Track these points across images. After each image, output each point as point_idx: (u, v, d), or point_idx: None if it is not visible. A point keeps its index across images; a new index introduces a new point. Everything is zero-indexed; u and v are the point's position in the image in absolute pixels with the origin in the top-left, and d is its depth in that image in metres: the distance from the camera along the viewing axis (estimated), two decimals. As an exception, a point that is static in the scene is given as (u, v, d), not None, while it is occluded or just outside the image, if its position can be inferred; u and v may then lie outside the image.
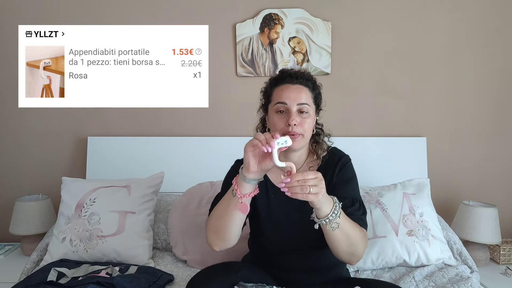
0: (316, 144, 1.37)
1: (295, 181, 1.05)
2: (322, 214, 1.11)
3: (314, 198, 1.05)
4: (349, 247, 1.20)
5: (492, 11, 2.22)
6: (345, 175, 1.33)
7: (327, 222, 1.11)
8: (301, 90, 1.29)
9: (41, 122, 2.32)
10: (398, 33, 2.25)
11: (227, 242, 1.24)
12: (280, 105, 1.27)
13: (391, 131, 2.29)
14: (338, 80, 2.27)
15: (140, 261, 1.71)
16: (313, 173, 1.06)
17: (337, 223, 1.12)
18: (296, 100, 1.26)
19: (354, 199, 1.29)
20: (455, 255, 1.77)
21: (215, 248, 1.25)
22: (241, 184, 1.15)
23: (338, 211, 1.12)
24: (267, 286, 1.22)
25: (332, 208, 1.11)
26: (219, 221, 1.21)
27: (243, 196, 1.15)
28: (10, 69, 2.29)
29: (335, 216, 1.11)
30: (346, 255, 1.23)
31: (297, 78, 1.30)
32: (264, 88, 1.38)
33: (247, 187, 1.15)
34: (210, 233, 1.25)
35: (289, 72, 1.33)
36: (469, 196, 2.22)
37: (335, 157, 1.36)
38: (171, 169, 2.09)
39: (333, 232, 1.13)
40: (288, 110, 1.26)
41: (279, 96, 1.28)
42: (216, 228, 1.22)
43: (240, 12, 2.24)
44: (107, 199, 1.79)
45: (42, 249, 1.80)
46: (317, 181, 1.05)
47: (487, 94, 2.27)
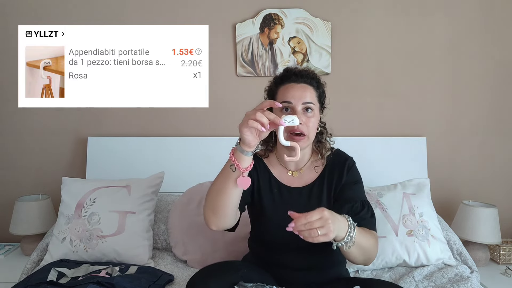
0: (319, 144, 1.37)
1: (301, 225, 1.04)
2: (338, 238, 1.12)
3: (325, 238, 1.05)
4: (364, 256, 1.23)
5: (492, 11, 2.22)
6: (353, 177, 1.34)
7: (343, 245, 1.12)
8: (306, 89, 1.29)
9: (41, 122, 2.32)
10: (398, 33, 2.25)
11: (225, 220, 1.23)
12: (285, 104, 1.27)
13: (391, 131, 2.29)
14: (338, 80, 2.27)
15: (140, 261, 1.71)
16: (318, 213, 1.05)
17: (352, 242, 1.13)
18: (302, 99, 1.26)
19: (363, 202, 1.31)
20: (455, 255, 1.77)
21: (213, 227, 1.23)
22: (241, 158, 1.13)
23: (353, 232, 1.12)
24: (267, 286, 1.22)
25: (347, 231, 1.12)
26: (217, 197, 1.19)
27: (245, 170, 1.14)
28: (10, 69, 2.29)
29: (350, 238, 1.12)
30: (362, 262, 1.26)
31: (302, 77, 1.30)
32: (268, 86, 1.37)
33: (246, 160, 1.14)
34: (208, 211, 1.23)
35: (294, 71, 1.32)
36: (469, 196, 2.22)
37: (341, 158, 1.37)
38: (171, 169, 2.09)
39: (350, 250, 1.15)
40: (294, 109, 1.26)
41: (284, 95, 1.28)
42: (215, 205, 1.21)
43: (240, 12, 2.24)
44: (107, 199, 1.79)
45: (42, 249, 1.80)
46: (323, 221, 1.04)
47: (487, 94, 2.27)
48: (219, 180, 1.20)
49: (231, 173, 1.15)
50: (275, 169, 1.37)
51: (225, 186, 1.17)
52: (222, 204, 1.19)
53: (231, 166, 1.15)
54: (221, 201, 1.19)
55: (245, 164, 1.14)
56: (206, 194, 1.25)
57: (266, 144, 1.39)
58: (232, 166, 1.14)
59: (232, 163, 1.14)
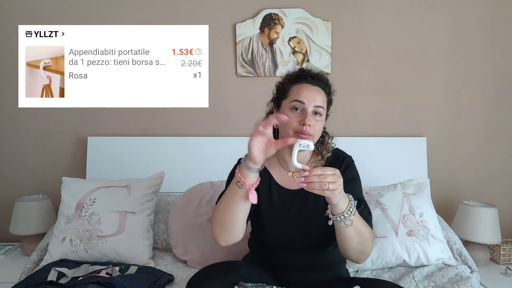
0: (321, 145, 1.37)
1: (314, 175, 1.05)
2: (338, 211, 1.12)
3: (330, 194, 1.06)
4: (359, 245, 1.21)
5: (492, 11, 2.22)
6: (350, 175, 1.34)
7: (342, 219, 1.12)
8: (319, 93, 1.30)
9: (41, 122, 2.32)
10: (398, 33, 2.25)
11: (234, 236, 1.23)
12: (297, 103, 1.27)
13: (391, 131, 2.29)
14: (338, 80, 2.24)
15: (140, 261, 1.71)
16: (332, 169, 1.07)
17: (351, 220, 1.13)
18: (314, 101, 1.27)
19: (360, 200, 1.30)
20: (455, 255, 1.77)
21: (222, 243, 1.24)
22: (247, 175, 1.15)
23: (353, 208, 1.14)
24: (267, 286, 1.22)
25: (348, 205, 1.13)
26: (226, 214, 1.21)
27: (252, 187, 1.16)
28: (10, 69, 2.29)
29: (350, 214, 1.12)
30: (356, 253, 1.23)
31: (317, 80, 1.32)
32: (280, 83, 1.37)
33: (253, 176, 1.15)
34: (216, 228, 1.24)
35: (310, 72, 1.34)
36: (469, 196, 2.22)
37: (339, 157, 1.37)
38: (171, 169, 2.09)
39: (347, 230, 1.14)
40: (304, 110, 1.26)
41: (297, 94, 1.28)
42: (223, 222, 1.22)
43: (240, 12, 2.24)
44: (107, 199, 1.78)
45: (42, 249, 1.80)
46: (336, 177, 1.06)
47: (487, 94, 2.27)
48: (226, 197, 1.21)
49: (237, 189, 1.17)
50: (275, 170, 1.37)
51: (233, 203, 1.19)
52: (231, 221, 1.21)
53: (237, 183, 1.16)
54: (230, 218, 1.20)
55: (251, 181, 1.16)
56: (213, 211, 1.26)
57: None
58: (238, 183, 1.16)
59: (238, 180, 1.15)
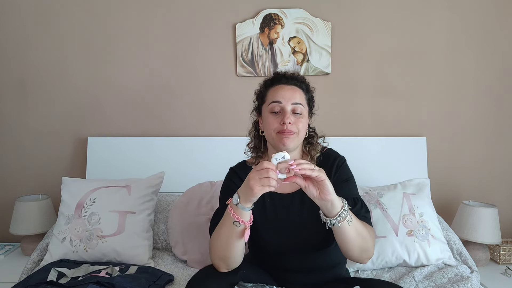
0: (309, 146, 1.37)
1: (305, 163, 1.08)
2: (334, 211, 1.11)
3: (319, 173, 1.07)
4: (361, 244, 1.20)
5: (492, 11, 2.22)
6: (343, 176, 1.33)
7: (338, 220, 1.12)
8: (295, 91, 1.30)
9: (41, 122, 2.32)
10: (398, 33, 2.25)
11: (235, 263, 1.24)
12: (275, 104, 1.27)
13: (391, 131, 2.29)
14: (338, 80, 2.27)
15: (140, 261, 1.71)
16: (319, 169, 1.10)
17: (348, 221, 1.13)
18: (291, 99, 1.27)
19: (355, 199, 1.30)
20: (455, 255, 1.77)
21: (223, 271, 1.24)
22: (243, 214, 1.15)
23: (347, 210, 1.14)
24: (267, 286, 1.22)
25: (342, 206, 1.13)
26: (225, 249, 1.20)
27: (250, 222, 1.16)
28: (10, 69, 2.29)
29: (346, 214, 1.12)
30: (358, 253, 1.22)
31: (292, 79, 1.32)
32: (258, 90, 1.39)
33: (247, 214, 1.16)
34: (217, 261, 1.23)
35: (283, 73, 1.35)
36: (469, 196, 2.22)
37: (330, 158, 1.36)
38: (171, 169, 2.09)
39: (346, 231, 1.14)
40: (283, 110, 1.26)
41: (273, 95, 1.29)
42: (223, 256, 1.21)
43: (240, 12, 2.23)
44: (107, 199, 1.78)
45: (42, 249, 1.80)
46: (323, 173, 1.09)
47: (487, 94, 2.27)
48: (224, 236, 1.19)
49: (236, 228, 1.16)
50: None
51: (231, 239, 1.18)
52: (231, 254, 1.21)
53: (234, 223, 1.16)
54: (229, 252, 1.20)
55: (248, 217, 1.16)
56: (211, 244, 1.25)
57: (257, 150, 1.39)
58: (236, 223, 1.15)
59: (235, 220, 1.15)
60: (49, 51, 2.28)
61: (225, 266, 1.23)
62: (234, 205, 1.15)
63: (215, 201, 1.89)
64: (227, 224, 1.18)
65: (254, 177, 1.09)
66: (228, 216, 1.17)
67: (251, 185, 1.09)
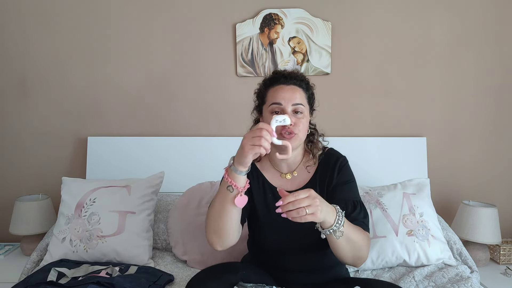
0: (311, 144, 1.37)
1: (288, 203, 1.04)
2: (326, 225, 1.11)
3: (312, 218, 1.05)
4: (354, 252, 1.21)
5: (492, 11, 2.22)
6: (345, 177, 1.33)
7: (331, 232, 1.12)
8: (295, 91, 1.29)
9: (41, 122, 2.32)
10: (398, 33, 2.25)
11: (229, 240, 1.24)
12: (275, 105, 1.27)
13: (391, 131, 2.29)
14: (338, 80, 2.27)
15: (140, 261, 1.71)
16: (305, 192, 1.06)
17: (341, 231, 1.13)
18: (291, 100, 1.27)
19: (355, 202, 1.30)
20: (455, 255, 1.77)
21: (218, 248, 1.24)
22: (237, 178, 1.15)
23: (341, 220, 1.13)
24: (267, 286, 1.22)
25: (335, 218, 1.12)
26: (218, 220, 1.21)
27: (244, 189, 1.16)
28: (10, 69, 2.29)
29: (339, 226, 1.12)
30: (351, 260, 1.24)
31: (291, 79, 1.31)
32: (258, 89, 1.38)
33: (243, 179, 1.16)
34: (211, 234, 1.24)
35: (282, 73, 1.34)
36: (469, 196, 2.22)
37: (332, 157, 1.36)
38: (171, 169, 2.09)
39: (338, 240, 1.14)
40: (284, 111, 1.26)
41: (274, 96, 1.29)
42: (216, 227, 1.22)
43: (240, 12, 2.23)
44: (107, 199, 1.78)
45: (42, 249, 1.80)
46: (310, 200, 1.04)
47: (487, 94, 2.27)
48: (218, 202, 1.21)
49: (229, 193, 1.17)
50: (268, 173, 1.37)
51: (225, 207, 1.18)
52: (224, 225, 1.20)
53: (228, 187, 1.16)
54: (223, 222, 1.20)
55: (242, 183, 1.16)
56: (206, 218, 1.26)
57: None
58: (229, 187, 1.16)
59: (229, 184, 1.15)
60: (49, 51, 2.28)
61: (219, 241, 1.23)
62: (229, 169, 1.16)
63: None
64: (222, 191, 1.19)
65: (247, 136, 1.10)
66: (223, 183, 1.18)
67: (243, 144, 1.10)
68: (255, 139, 1.09)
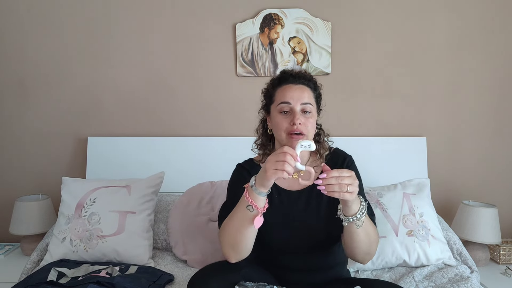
0: (318, 144, 1.37)
1: (332, 177, 1.05)
2: (351, 212, 1.12)
3: (349, 196, 1.06)
4: (367, 246, 1.22)
5: (492, 11, 2.22)
6: None
7: (354, 220, 1.13)
8: (304, 90, 1.30)
9: (41, 122, 2.32)
10: (398, 33, 2.25)
11: (244, 253, 1.24)
12: (284, 105, 1.27)
13: (391, 131, 2.29)
14: (338, 80, 2.27)
15: (140, 261, 1.71)
16: (348, 171, 1.07)
17: (362, 221, 1.14)
18: (300, 99, 1.27)
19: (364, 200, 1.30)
20: (455, 255, 1.77)
21: (232, 261, 1.25)
22: (258, 199, 1.15)
23: (364, 210, 1.14)
24: (268, 285, 1.22)
25: (360, 207, 1.13)
26: (236, 236, 1.20)
27: (263, 209, 1.16)
28: (10, 69, 2.29)
29: (361, 215, 1.13)
30: (362, 254, 1.24)
31: (299, 78, 1.32)
32: (265, 89, 1.38)
33: (262, 200, 1.16)
34: (227, 248, 1.23)
35: (290, 72, 1.34)
36: (469, 196, 2.22)
37: (339, 157, 1.37)
38: (171, 169, 2.09)
39: (357, 231, 1.15)
40: (292, 110, 1.26)
41: (282, 96, 1.29)
42: (234, 243, 1.22)
43: (240, 12, 2.23)
44: (107, 199, 1.78)
45: (42, 249, 1.80)
46: (352, 180, 1.07)
47: (487, 94, 2.27)
48: (237, 220, 1.20)
49: (248, 213, 1.16)
50: None
51: (243, 225, 1.18)
52: (242, 241, 1.21)
53: (248, 207, 1.16)
54: (240, 239, 1.20)
55: (262, 203, 1.16)
56: (222, 231, 1.25)
57: (264, 148, 1.39)
58: (249, 207, 1.15)
59: (249, 204, 1.15)
60: (49, 51, 2.28)
61: (235, 255, 1.23)
62: (249, 189, 1.15)
63: (215, 201, 1.89)
64: (241, 208, 1.18)
65: (271, 159, 1.09)
66: (243, 200, 1.17)
67: (266, 167, 1.09)
68: (279, 163, 1.08)
